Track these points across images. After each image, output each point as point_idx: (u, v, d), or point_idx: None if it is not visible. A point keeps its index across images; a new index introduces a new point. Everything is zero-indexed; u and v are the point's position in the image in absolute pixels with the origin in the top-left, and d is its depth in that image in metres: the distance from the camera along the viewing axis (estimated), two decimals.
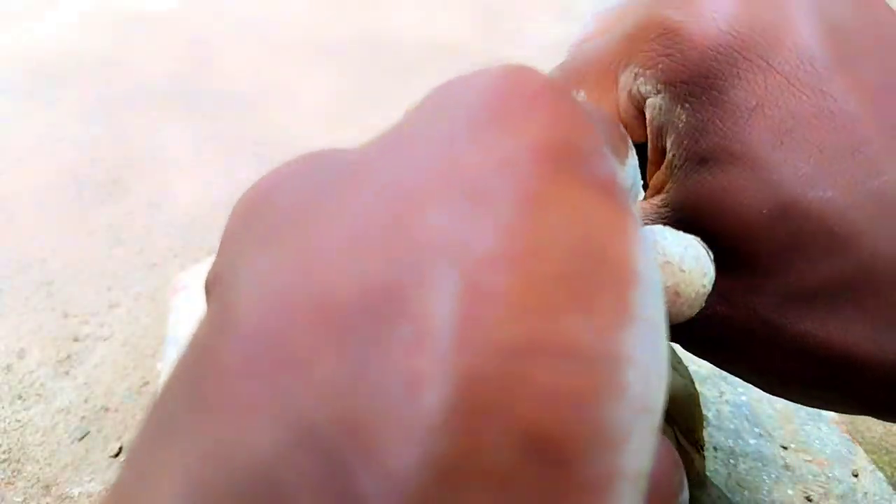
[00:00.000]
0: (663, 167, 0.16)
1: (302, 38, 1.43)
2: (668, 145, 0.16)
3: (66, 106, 1.09)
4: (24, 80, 1.17)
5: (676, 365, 0.41)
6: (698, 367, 0.52)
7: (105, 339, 0.65)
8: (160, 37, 1.39)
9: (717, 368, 0.52)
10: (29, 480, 0.52)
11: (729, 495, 0.42)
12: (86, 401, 0.58)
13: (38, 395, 0.59)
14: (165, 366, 0.50)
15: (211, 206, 0.86)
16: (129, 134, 1.03)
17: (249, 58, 1.32)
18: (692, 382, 0.40)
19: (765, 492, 0.43)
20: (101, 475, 0.52)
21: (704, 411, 0.48)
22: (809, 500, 0.43)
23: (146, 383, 0.60)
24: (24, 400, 0.58)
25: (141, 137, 1.02)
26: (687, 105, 0.15)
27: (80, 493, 0.51)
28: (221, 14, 1.53)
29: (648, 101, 0.17)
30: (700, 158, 0.15)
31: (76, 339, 0.64)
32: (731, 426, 0.48)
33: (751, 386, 0.51)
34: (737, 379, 0.52)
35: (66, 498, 0.51)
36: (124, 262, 0.75)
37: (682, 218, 0.16)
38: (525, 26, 1.64)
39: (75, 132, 1.02)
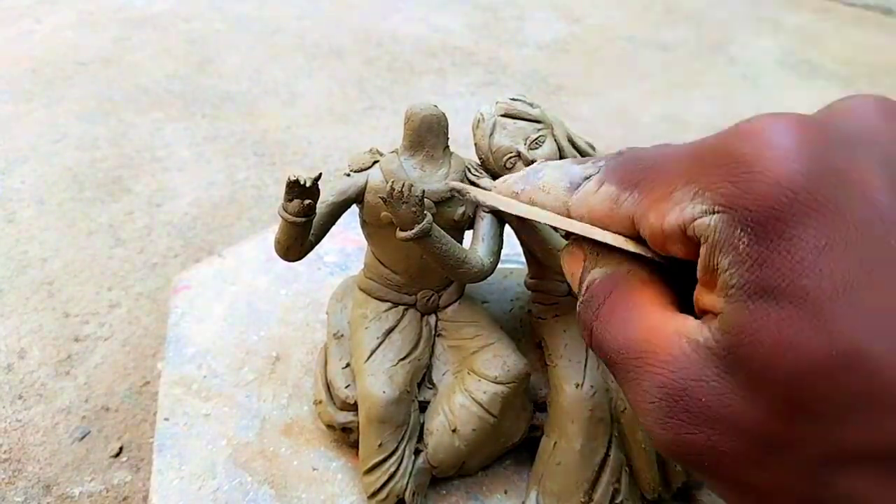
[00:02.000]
0: (718, 288, 0.16)
1: (302, 39, 1.44)
2: (725, 265, 0.16)
3: (66, 106, 1.09)
4: (24, 80, 1.17)
5: None
6: None
7: (105, 339, 0.65)
8: (160, 37, 1.39)
9: None
10: (30, 480, 0.52)
11: None
12: (86, 401, 0.58)
13: (39, 395, 0.59)
14: (166, 366, 0.50)
15: (212, 206, 0.87)
16: (129, 134, 1.03)
17: (249, 58, 1.32)
18: None
19: None
20: (101, 475, 0.52)
21: None
22: None
23: (147, 383, 0.60)
24: (25, 400, 0.58)
25: (141, 137, 1.02)
26: (749, 230, 0.15)
27: (80, 492, 0.51)
28: (221, 14, 1.53)
29: (700, 221, 0.17)
30: (760, 288, 0.15)
31: (77, 339, 0.65)
32: None
33: None
34: None
35: (66, 498, 0.51)
36: (125, 262, 0.75)
37: (738, 343, 0.16)
38: (525, 26, 1.64)
39: (75, 132, 1.02)
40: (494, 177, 0.40)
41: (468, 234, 0.41)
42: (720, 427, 0.16)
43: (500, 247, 0.40)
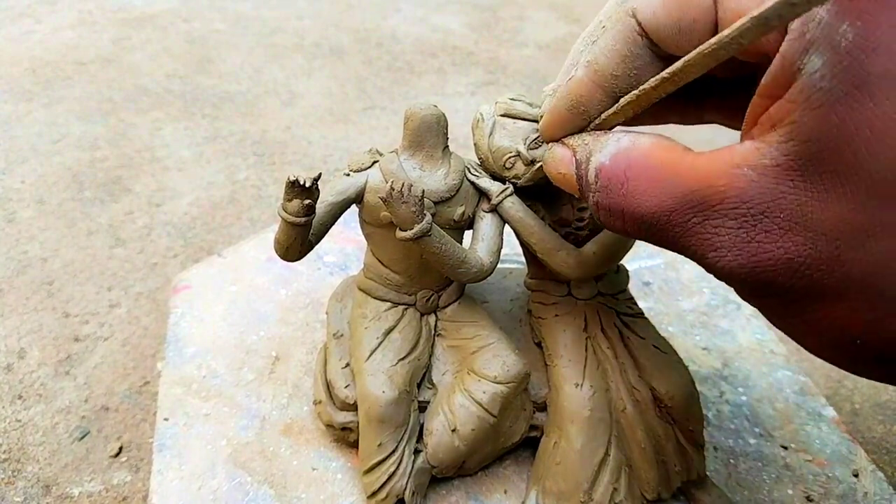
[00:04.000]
0: (795, 92, 0.15)
1: (302, 39, 1.43)
2: (816, 66, 0.15)
3: (66, 106, 1.09)
4: (24, 80, 1.17)
5: (676, 365, 0.41)
6: (698, 367, 0.52)
7: (105, 339, 0.65)
8: (160, 37, 1.39)
9: (718, 368, 0.52)
10: (29, 480, 0.51)
11: (729, 495, 0.42)
12: (86, 401, 0.58)
13: (39, 395, 0.59)
14: (166, 366, 0.50)
15: (211, 206, 0.86)
16: (129, 134, 1.03)
17: (249, 58, 1.32)
18: (692, 382, 0.40)
19: (765, 491, 0.43)
20: (101, 475, 0.52)
21: (704, 411, 0.48)
22: (810, 500, 0.43)
23: (146, 383, 0.60)
24: (25, 400, 0.58)
25: (141, 137, 1.02)
26: (858, 23, 0.14)
27: (80, 492, 0.51)
28: (221, 14, 1.53)
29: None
30: (860, 81, 0.14)
31: (76, 339, 0.64)
32: (732, 426, 0.48)
33: (751, 386, 0.51)
34: (737, 379, 0.53)
35: (66, 498, 0.51)
36: (125, 261, 0.75)
37: (823, 145, 0.15)
38: (525, 26, 1.64)
39: (75, 132, 1.02)
40: (494, 177, 0.40)
41: (468, 234, 0.41)
42: (800, 234, 0.16)
43: (500, 246, 0.40)
